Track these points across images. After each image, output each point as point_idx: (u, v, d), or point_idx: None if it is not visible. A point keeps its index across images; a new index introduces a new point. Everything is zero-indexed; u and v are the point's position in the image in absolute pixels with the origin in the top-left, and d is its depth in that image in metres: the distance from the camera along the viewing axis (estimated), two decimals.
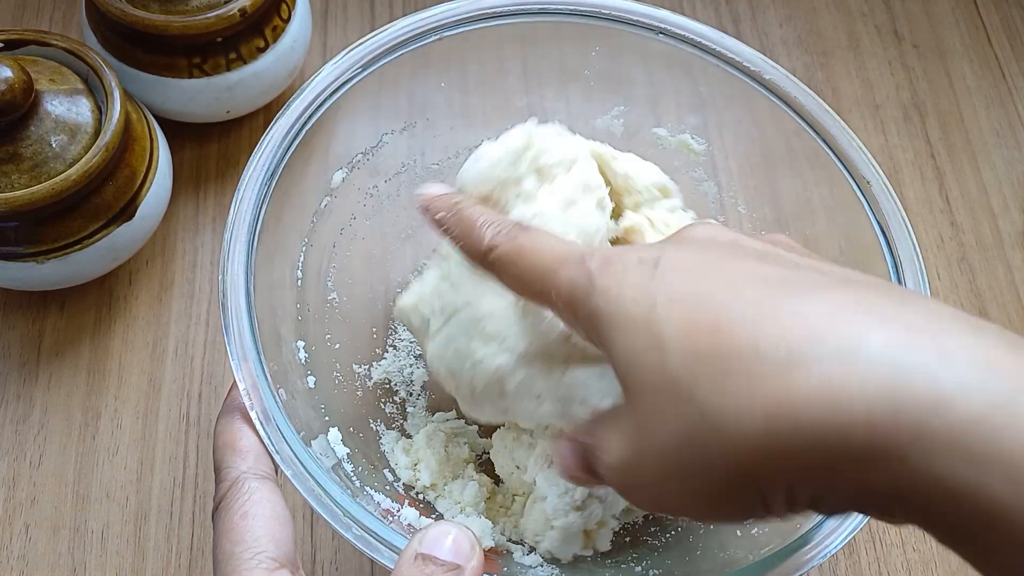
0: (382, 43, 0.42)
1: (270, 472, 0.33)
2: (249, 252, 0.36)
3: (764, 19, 0.65)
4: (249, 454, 0.32)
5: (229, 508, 0.31)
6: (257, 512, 0.31)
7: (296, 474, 0.33)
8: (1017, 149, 0.61)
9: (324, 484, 0.33)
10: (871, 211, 0.40)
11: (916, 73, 0.63)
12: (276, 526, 0.31)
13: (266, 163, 0.38)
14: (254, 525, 0.30)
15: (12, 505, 0.47)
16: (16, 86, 0.43)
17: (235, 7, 0.50)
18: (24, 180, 0.45)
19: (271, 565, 0.30)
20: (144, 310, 0.52)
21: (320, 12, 0.62)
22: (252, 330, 0.35)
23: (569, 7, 0.43)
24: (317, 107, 0.40)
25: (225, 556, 0.30)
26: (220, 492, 0.32)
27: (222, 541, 0.30)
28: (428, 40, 0.42)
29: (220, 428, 0.34)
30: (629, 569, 0.39)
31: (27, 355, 0.50)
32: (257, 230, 0.37)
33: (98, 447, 0.48)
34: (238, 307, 0.35)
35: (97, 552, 0.46)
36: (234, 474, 0.32)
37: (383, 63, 0.42)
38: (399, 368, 0.46)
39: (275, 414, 0.33)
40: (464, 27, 0.43)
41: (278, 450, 0.33)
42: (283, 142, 0.39)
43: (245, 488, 0.31)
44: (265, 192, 0.38)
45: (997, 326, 0.23)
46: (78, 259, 0.47)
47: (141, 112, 0.50)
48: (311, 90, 0.40)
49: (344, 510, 0.32)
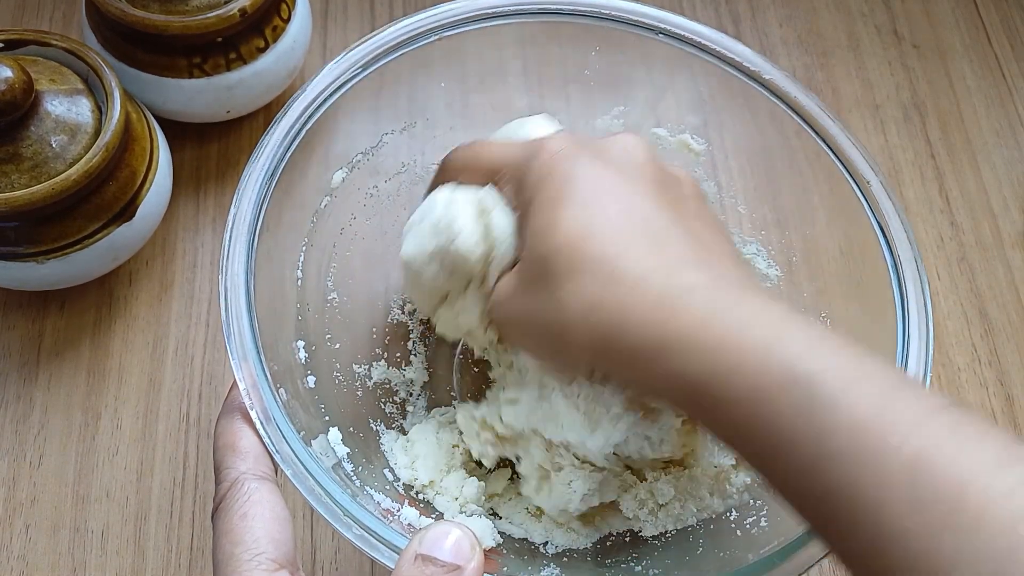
0: (382, 43, 0.42)
1: (270, 473, 0.33)
2: (249, 252, 0.36)
3: (764, 19, 0.65)
4: (249, 455, 0.32)
5: (228, 509, 0.31)
6: (257, 513, 0.31)
7: (296, 474, 0.33)
8: (1017, 149, 0.61)
9: (324, 484, 0.33)
10: (871, 211, 0.40)
11: (916, 73, 0.63)
12: (276, 527, 0.31)
13: (266, 163, 0.38)
14: (254, 526, 0.30)
15: (12, 505, 0.47)
16: (16, 86, 0.43)
17: (235, 7, 0.50)
18: (24, 180, 0.45)
19: (271, 566, 0.30)
20: (144, 310, 0.52)
21: (320, 12, 0.62)
22: (252, 330, 0.35)
23: (569, 7, 0.43)
24: (317, 107, 0.40)
25: (225, 557, 0.30)
26: (220, 493, 0.32)
27: (222, 542, 0.30)
28: (428, 40, 0.42)
29: (220, 429, 0.34)
30: (629, 569, 0.39)
31: (27, 355, 0.50)
32: (257, 230, 0.37)
33: (98, 447, 0.48)
34: (238, 307, 0.35)
35: (97, 552, 0.46)
36: (233, 475, 0.32)
37: (383, 63, 0.42)
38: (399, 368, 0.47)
39: (275, 414, 0.33)
40: (464, 27, 0.43)
41: (278, 450, 0.33)
42: (283, 142, 0.39)
43: (244, 489, 0.31)
44: (265, 192, 0.38)
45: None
46: (78, 259, 0.47)
47: (141, 112, 0.50)
48: (311, 90, 0.40)
49: (344, 510, 0.32)
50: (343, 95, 0.41)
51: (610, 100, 0.46)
